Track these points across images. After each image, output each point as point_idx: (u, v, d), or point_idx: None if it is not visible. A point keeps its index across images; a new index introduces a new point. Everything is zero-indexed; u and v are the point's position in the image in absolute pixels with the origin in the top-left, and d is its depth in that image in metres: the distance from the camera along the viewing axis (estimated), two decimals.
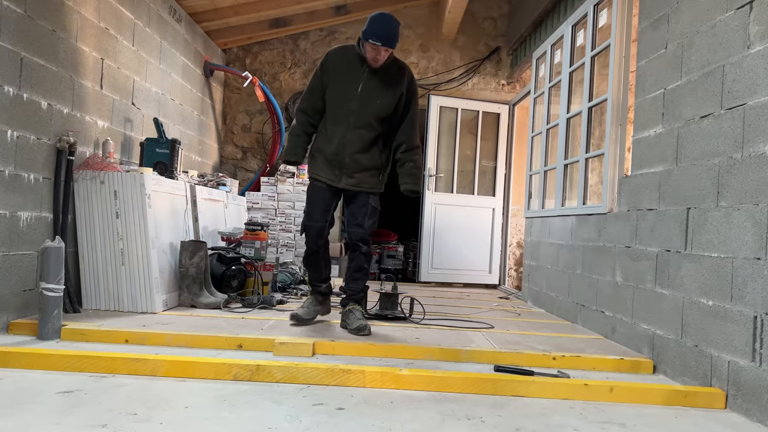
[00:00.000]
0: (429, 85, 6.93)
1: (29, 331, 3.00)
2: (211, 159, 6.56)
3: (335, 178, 3.46)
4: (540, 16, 5.50)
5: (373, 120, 3.42)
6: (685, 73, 2.86)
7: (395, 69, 3.47)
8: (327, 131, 3.48)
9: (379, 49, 3.28)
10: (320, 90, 3.47)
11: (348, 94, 3.39)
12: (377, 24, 3.28)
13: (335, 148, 3.43)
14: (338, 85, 3.41)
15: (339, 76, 3.41)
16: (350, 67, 3.41)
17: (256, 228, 4.68)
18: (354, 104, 3.39)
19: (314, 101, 3.50)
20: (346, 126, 3.41)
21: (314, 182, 3.53)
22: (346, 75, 3.41)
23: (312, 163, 3.53)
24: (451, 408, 2.24)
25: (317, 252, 3.57)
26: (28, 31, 3.19)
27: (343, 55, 3.46)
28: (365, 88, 3.39)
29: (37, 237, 3.31)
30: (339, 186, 3.48)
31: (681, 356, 2.74)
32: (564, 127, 4.51)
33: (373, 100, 3.41)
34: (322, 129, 3.51)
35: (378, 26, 3.27)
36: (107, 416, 1.94)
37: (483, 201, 6.75)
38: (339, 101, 3.41)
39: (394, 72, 3.46)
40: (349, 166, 3.44)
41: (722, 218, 2.49)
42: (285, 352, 2.85)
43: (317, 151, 3.51)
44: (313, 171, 3.52)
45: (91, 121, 3.86)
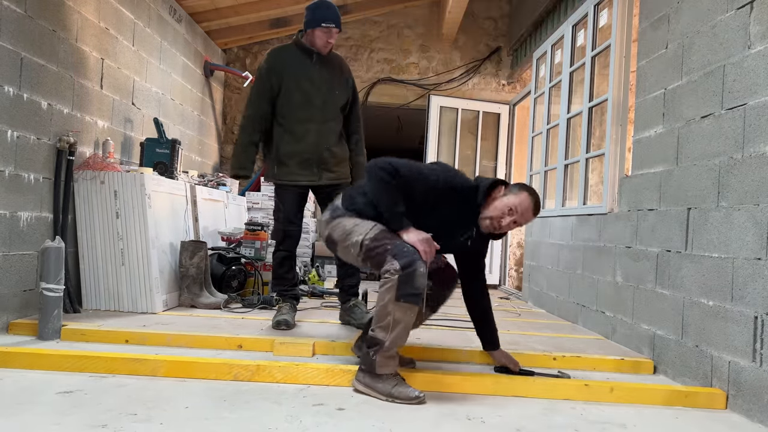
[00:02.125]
0: (429, 85, 6.93)
1: (29, 331, 3.00)
2: (211, 159, 6.56)
3: (315, 177, 3.42)
4: (540, 16, 5.50)
5: (338, 110, 3.45)
6: (686, 73, 2.86)
7: (336, 57, 3.53)
8: (293, 132, 3.37)
9: (332, 32, 3.33)
10: (269, 94, 3.37)
11: (308, 90, 3.35)
12: (323, 9, 3.33)
13: (310, 147, 3.37)
14: (294, 83, 3.35)
15: (291, 75, 3.35)
16: (299, 64, 3.38)
17: (256, 228, 4.68)
18: (318, 99, 3.37)
19: (263, 107, 3.38)
20: (315, 122, 3.38)
21: (285, 188, 3.46)
22: (299, 72, 3.36)
23: (282, 170, 3.41)
24: (451, 408, 2.24)
25: (293, 256, 3.53)
26: (28, 31, 3.19)
27: (285, 54, 3.41)
28: (322, 80, 3.39)
29: (37, 237, 3.31)
30: (320, 183, 3.43)
31: (681, 356, 2.74)
32: (564, 127, 4.50)
33: (332, 91, 3.41)
34: (283, 132, 3.39)
35: (326, 10, 3.33)
36: (107, 416, 1.94)
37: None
38: (301, 99, 3.35)
39: (337, 61, 3.53)
40: (327, 160, 3.42)
41: (723, 218, 2.49)
42: (285, 353, 2.85)
43: (287, 156, 3.38)
44: (285, 177, 3.42)
45: (91, 121, 3.86)
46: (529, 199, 2.38)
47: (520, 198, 2.37)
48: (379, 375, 2.31)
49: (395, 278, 2.23)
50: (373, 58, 6.98)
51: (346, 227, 2.46)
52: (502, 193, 2.41)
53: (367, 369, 2.34)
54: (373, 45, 6.98)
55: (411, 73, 6.98)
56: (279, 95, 3.37)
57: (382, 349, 2.29)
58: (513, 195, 2.38)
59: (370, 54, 6.98)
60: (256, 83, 3.43)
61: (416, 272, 2.22)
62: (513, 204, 2.36)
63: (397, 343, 2.31)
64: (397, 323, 2.27)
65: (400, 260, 2.24)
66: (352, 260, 2.52)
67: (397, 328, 2.28)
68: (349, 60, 6.96)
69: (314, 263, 6.44)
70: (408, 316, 2.27)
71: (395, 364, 2.34)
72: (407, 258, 2.24)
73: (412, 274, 2.22)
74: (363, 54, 6.97)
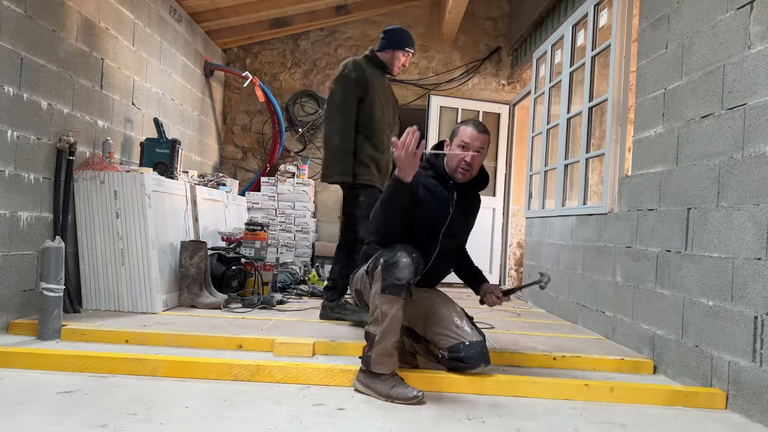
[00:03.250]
0: (429, 85, 6.93)
1: (29, 331, 3.00)
2: (211, 159, 6.56)
3: (381, 182, 3.66)
4: (540, 16, 5.50)
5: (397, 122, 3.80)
6: (686, 73, 2.86)
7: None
8: (372, 140, 3.58)
9: (409, 55, 3.76)
10: (356, 103, 3.54)
11: (383, 103, 3.64)
12: (403, 34, 3.73)
13: (385, 155, 3.64)
14: (375, 95, 3.58)
15: (373, 88, 3.58)
16: (377, 78, 3.66)
17: (256, 228, 4.68)
18: (389, 112, 3.69)
19: (354, 115, 3.54)
20: (387, 132, 3.66)
21: (365, 188, 3.57)
22: (377, 85, 3.62)
23: (364, 170, 3.56)
24: (451, 408, 2.24)
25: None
26: (28, 31, 3.19)
27: (366, 67, 3.62)
28: (388, 95, 3.74)
29: (37, 237, 3.31)
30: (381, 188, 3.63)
31: (681, 356, 2.74)
32: (564, 127, 4.50)
33: (394, 104, 3.80)
34: (364, 139, 3.57)
35: (408, 36, 3.74)
36: (107, 416, 1.94)
37: (483, 201, 6.72)
38: (380, 111, 3.60)
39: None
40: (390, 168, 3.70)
41: (723, 218, 2.49)
42: (285, 353, 2.85)
43: (369, 159, 3.57)
44: (365, 177, 3.56)
45: (91, 121, 3.86)
46: (463, 126, 2.63)
47: (459, 132, 2.62)
48: (377, 375, 2.32)
49: (380, 269, 2.31)
50: None
51: (360, 272, 2.61)
52: (449, 145, 2.65)
53: (365, 368, 2.36)
54: (373, 45, 6.97)
55: (411, 73, 6.98)
56: (360, 105, 3.56)
57: (374, 344, 2.31)
58: (456, 136, 2.63)
59: None
60: (346, 91, 3.54)
61: (398, 263, 2.27)
62: (461, 140, 2.59)
63: (387, 337, 2.31)
64: (384, 315, 2.29)
65: (384, 257, 2.33)
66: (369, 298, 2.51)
67: (386, 321, 2.29)
68: None
69: (314, 263, 6.44)
70: (393, 308, 2.29)
71: (392, 363, 2.34)
72: (390, 253, 2.32)
73: (393, 264, 2.28)
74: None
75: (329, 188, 7.04)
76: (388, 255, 2.32)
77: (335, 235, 7.05)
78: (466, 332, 2.53)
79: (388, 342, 2.32)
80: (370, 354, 2.33)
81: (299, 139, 6.95)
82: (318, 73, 6.96)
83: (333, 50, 6.97)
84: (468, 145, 2.58)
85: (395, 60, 3.70)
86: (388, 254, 2.33)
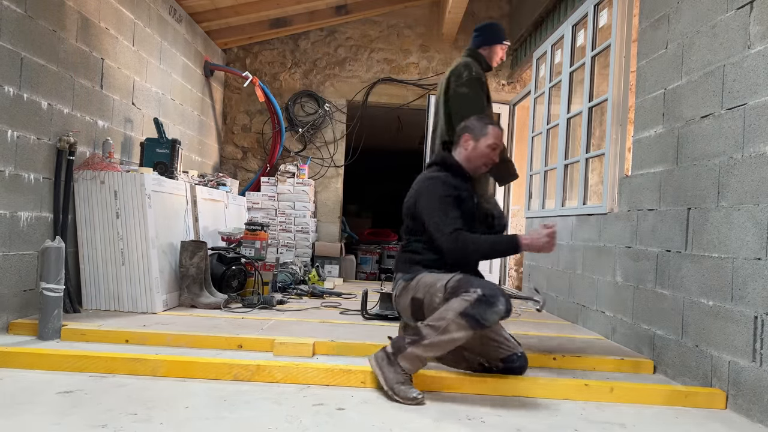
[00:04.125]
0: (429, 85, 6.92)
1: (29, 331, 3.00)
2: (211, 159, 6.56)
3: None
4: (540, 16, 5.50)
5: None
6: (686, 73, 2.86)
7: None
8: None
9: (506, 48, 3.69)
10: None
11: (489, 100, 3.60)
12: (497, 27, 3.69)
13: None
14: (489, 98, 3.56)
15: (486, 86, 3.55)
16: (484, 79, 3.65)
17: (256, 228, 4.68)
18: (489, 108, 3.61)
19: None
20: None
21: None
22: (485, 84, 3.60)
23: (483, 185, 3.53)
24: (451, 408, 2.24)
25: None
26: (28, 31, 3.19)
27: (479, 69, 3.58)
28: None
29: (37, 237, 3.31)
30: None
31: (681, 356, 2.74)
32: (564, 127, 4.50)
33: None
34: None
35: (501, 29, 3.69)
36: (107, 416, 1.94)
37: None
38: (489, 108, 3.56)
39: None
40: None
41: (723, 218, 2.49)
42: (285, 353, 2.85)
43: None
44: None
45: (92, 121, 3.86)
46: (491, 127, 2.70)
47: (491, 134, 2.68)
48: (398, 364, 2.31)
49: (474, 296, 2.26)
50: (373, 58, 6.98)
51: (428, 281, 2.50)
52: (470, 142, 2.69)
53: (392, 351, 2.35)
54: (373, 45, 6.98)
55: (411, 73, 6.98)
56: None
57: (419, 344, 2.30)
58: (483, 137, 2.67)
59: (370, 54, 6.98)
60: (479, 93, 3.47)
61: (495, 305, 2.26)
62: (491, 142, 2.67)
63: (435, 350, 2.33)
64: (449, 334, 2.27)
65: (485, 290, 2.28)
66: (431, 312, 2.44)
67: (446, 339, 2.28)
68: (349, 60, 6.97)
69: (314, 263, 6.44)
70: (461, 333, 2.27)
71: (417, 369, 2.36)
72: (493, 291, 2.30)
73: (492, 302, 2.26)
74: (363, 54, 6.97)
75: (329, 188, 7.04)
76: (489, 291, 2.28)
77: (335, 234, 7.05)
78: (514, 344, 2.63)
79: (431, 353, 2.34)
80: (407, 346, 2.32)
81: (299, 139, 6.95)
82: (318, 73, 6.96)
83: (333, 50, 6.97)
84: (497, 145, 2.69)
85: (494, 55, 3.66)
86: (487, 288, 2.29)
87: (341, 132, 7.00)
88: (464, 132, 2.72)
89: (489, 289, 2.30)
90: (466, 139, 2.69)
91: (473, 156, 2.68)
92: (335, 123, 6.97)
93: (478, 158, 2.68)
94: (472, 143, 2.68)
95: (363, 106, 6.97)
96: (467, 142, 2.69)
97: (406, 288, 2.57)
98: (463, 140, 2.70)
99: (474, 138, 2.68)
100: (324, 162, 7.00)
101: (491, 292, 2.29)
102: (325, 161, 7.00)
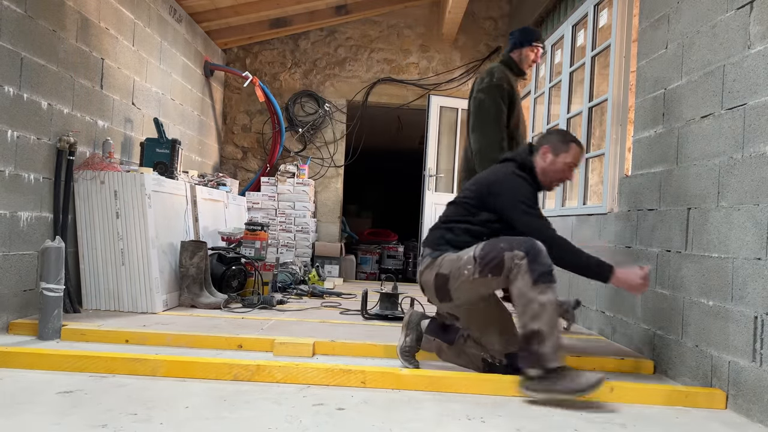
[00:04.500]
0: (429, 85, 6.93)
1: (29, 331, 3.00)
2: (211, 159, 6.56)
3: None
4: (540, 17, 5.50)
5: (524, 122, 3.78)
6: (686, 73, 2.86)
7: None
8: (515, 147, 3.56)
9: (539, 50, 3.68)
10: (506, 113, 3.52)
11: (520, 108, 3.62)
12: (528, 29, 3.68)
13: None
14: (518, 102, 3.58)
15: (515, 95, 3.57)
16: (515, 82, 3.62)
17: (256, 228, 4.68)
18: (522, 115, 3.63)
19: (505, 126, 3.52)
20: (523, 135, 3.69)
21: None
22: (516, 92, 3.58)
23: None
24: (451, 408, 2.24)
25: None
26: (28, 31, 3.19)
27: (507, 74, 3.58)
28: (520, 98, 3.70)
29: (37, 237, 3.31)
30: None
31: (681, 356, 2.74)
32: (564, 127, 4.50)
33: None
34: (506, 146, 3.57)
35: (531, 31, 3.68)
36: (107, 416, 1.94)
37: None
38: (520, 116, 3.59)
39: None
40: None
41: (723, 218, 2.49)
42: (285, 353, 2.85)
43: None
44: None
45: (92, 121, 3.86)
46: (577, 148, 2.65)
47: (572, 153, 2.63)
48: (553, 371, 2.27)
49: (524, 263, 2.27)
50: (373, 58, 6.98)
51: (452, 258, 2.50)
52: (549, 155, 2.62)
53: (539, 369, 2.28)
54: (373, 45, 6.98)
55: (411, 73, 6.98)
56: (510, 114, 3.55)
57: (544, 338, 2.27)
58: (564, 152, 2.62)
59: (370, 54, 6.98)
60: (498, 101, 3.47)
61: (540, 251, 2.29)
62: (570, 160, 2.62)
63: (555, 326, 2.29)
64: (543, 307, 2.27)
65: (519, 248, 2.29)
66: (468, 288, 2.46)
67: (546, 311, 2.27)
68: (349, 60, 6.97)
69: (314, 263, 6.44)
70: (549, 295, 2.28)
71: (564, 353, 2.34)
72: (525, 243, 2.31)
73: (537, 253, 2.29)
74: (363, 54, 6.97)
75: (329, 188, 7.04)
76: (522, 245, 2.30)
77: (335, 234, 7.05)
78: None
79: (556, 331, 2.30)
80: (542, 350, 2.26)
81: (299, 139, 6.95)
82: (318, 73, 6.97)
83: (333, 50, 6.97)
84: (575, 165, 2.65)
85: (524, 58, 3.63)
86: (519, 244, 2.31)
87: (341, 132, 7.00)
88: (544, 143, 2.64)
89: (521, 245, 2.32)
90: (545, 151, 2.63)
91: (549, 170, 2.63)
92: (335, 123, 6.97)
93: (553, 173, 2.63)
94: (551, 157, 2.62)
95: (363, 106, 6.97)
96: (546, 154, 2.62)
97: (431, 265, 2.57)
98: (542, 152, 2.63)
99: (553, 152, 2.62)
100: (324, 162, 7.00)
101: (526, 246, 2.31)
102: (325, 161, 7.00)
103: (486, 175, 2.66)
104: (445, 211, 2.69)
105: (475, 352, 2.63)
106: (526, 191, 2.53)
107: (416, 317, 2.73)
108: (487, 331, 2.60)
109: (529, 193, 2.53)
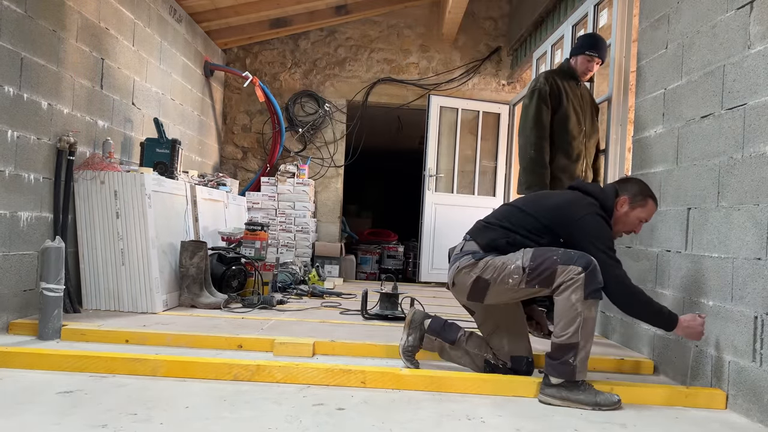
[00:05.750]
0: (429, 85, 6.93)
1: (29, 331, 3.00)
2: (211, 159, 6.56)
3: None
4: (540, 17, 5.50)
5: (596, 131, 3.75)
6: (686, 73, 2.86)
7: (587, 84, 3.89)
8: (566, 151, 3.58)
9: (594, 59, 3.63)
10: (549, 115, 3.55)
11: (578, 112, 3.62)
12: (586, 38, 3.71)
13: (580, 164, 3.64)
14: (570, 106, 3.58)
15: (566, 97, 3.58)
16: (571, 86, 3.66)
17: (256, 228, 4.68)
18: (585, 119, 3.64)
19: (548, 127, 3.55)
20: (583, 141, 3.64)
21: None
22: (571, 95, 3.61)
23: (556, 184, 3.55)
24: (451, 408, 2.24)
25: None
26: (28, 31, 3.19)
27: (558, 78, 3.63)
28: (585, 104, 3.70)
29: (37, 237, 3.31)
30: None
31: (681, 356, 2.74)
32: None
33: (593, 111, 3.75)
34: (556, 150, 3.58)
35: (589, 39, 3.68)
36: (107, 416, 1.94)
37: (483, 201, 6.75)
38: (574, 120, 3.59)
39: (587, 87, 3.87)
40: (588, 176, 3.70)
41: (723, 218, 2.49)
42: (285, 353, 2.85)
43: (560, 171, 3.57)
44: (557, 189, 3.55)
45: (92, 121, 3.86)
46: (654, 206, 2.62)
47: (647, 209, 2.60)
48: (576, 384, 2.32)
49: (581, 277, 2.30)
50: (373, 58, 6.98)
51: (497, 264, 2.45)
52: (625, 206, 2.58)
53: (565, 379, 2.32)
54: (373, 45, 6.98)
55: (411, 73, 6.98)
56: (554, 116, 3.56)
57: (579, 351, 2.31)
58: (640, 207, 2.58)
59: (370, 54, 6.98)
60: (539, 104, 3.53)
61: (596, 268, 2.33)
62: (644, 216, 2.60)
63: (590, 341, 2.35)
64: (587, 322, 2.32)
65: (578, 264, 2.32)
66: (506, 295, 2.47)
67: (589, 326, 2.32)
68: (349, 60, 6.97)
69: (314, 263, 6.44)
70: (593, 312, 2.34)
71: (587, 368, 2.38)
72: (584, 259, 2.33)
73: (594, 270, 2.32)
74: (363, 54, 6.97)
75: (329, 188, 7.05)
76: (581, 260, 2.32)
77: (335, 234, 7.06)
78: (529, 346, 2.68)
79: (589, 345, 2.36)
80: (575, 363, 2.31)
81: (299, 139, 6.95)
82: (318, 73, 6.97)
83: (333, 50, 6.97)
84: (646, 221, 2.64)
85: (578, 65, 3.65)
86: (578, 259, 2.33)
87: (341, 132, 7.00)
88: (625, 194, 2.58)
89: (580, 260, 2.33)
90: (623, 201, 2.57)
91: (622, 220, 2.60)
92: (335, 123, 6.98)
93: (624, 224, 2.61)
94: (626, 208, 2.58)
95: (363, 106, 6.97)
96: (623, 205, 2.58)
97: (473, 266, 2.48)
98: (620, 202, 2.58)
99: (630, 204, 2.58)
100: (324, 162, 7.00)
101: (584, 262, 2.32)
102: (325, 161, 7.00)
103: (567, 204, 2.55)
104: (507, 213, 2.61)
105: (477, 352, 2.63)
106: (608, 237, 2.49)
107: (419, 317, 2.73)
108: (499, 332, 2.61)
109: (610, 241, 2.49)
